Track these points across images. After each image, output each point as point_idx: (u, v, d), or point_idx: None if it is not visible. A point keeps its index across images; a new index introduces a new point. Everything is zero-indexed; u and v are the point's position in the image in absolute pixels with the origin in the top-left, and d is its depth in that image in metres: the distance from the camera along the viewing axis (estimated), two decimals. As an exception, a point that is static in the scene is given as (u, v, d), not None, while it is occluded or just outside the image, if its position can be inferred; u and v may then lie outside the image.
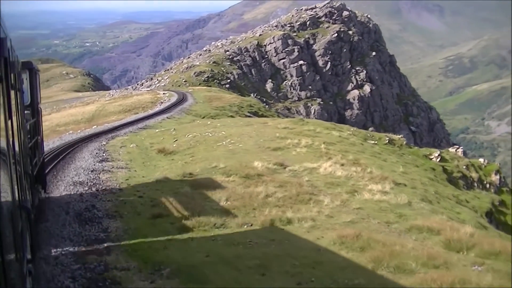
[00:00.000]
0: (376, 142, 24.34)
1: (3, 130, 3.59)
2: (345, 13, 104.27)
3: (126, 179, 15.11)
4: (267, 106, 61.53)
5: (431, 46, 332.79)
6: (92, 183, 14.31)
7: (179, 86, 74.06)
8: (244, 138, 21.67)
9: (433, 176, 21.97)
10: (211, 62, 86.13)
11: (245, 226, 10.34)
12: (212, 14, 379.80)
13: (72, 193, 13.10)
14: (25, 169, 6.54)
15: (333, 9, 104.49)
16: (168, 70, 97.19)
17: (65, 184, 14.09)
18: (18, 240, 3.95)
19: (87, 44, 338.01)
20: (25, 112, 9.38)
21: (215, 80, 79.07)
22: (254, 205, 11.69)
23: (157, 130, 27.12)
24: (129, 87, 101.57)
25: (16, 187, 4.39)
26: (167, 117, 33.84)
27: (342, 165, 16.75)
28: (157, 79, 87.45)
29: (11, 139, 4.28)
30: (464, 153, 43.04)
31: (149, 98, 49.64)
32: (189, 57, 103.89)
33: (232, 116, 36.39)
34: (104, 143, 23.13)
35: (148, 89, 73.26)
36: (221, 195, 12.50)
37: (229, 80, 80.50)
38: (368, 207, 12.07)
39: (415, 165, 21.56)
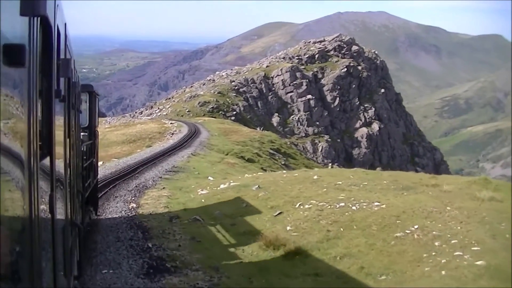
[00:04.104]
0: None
1: (61, 147, 3.56)
2: (354, 47, 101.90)
3: None
4: (289, 143, 57.43)
5: (427, 86, 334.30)
6: None
7: (182, 116, 70.10)
8: (451, 224, 10.80)
9: None
10: (216, 92, 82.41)
11: None
12: (210, 46, 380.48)
13: None
14: (77, 187, 6.40)
15: (342, 43, 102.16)
16: (169, 98, 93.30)
17: None
18: (67, 255, 3.89)
19: (84, 70, 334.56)
20: (83, 133, 9.51)
21: (220, 111, 75.17)
22: None
23: (222, 185, 17.22)
24: (126, 114, 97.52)
25: (68, 204, 4.33)
26: (191, 154, 27.67)
27: None
28: (158, 108, 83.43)
29: (68, 157, 4.30)
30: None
31: (155, 128, 45.34)
32: (191, 86, 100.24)
33: (257, 154, 31.39)
34: (134, 205, 14.57)
35: (149, 117, 69.41)
36: None
37: (234, 112, 76.63)
38: None
39: None
